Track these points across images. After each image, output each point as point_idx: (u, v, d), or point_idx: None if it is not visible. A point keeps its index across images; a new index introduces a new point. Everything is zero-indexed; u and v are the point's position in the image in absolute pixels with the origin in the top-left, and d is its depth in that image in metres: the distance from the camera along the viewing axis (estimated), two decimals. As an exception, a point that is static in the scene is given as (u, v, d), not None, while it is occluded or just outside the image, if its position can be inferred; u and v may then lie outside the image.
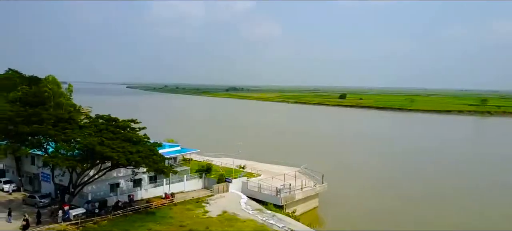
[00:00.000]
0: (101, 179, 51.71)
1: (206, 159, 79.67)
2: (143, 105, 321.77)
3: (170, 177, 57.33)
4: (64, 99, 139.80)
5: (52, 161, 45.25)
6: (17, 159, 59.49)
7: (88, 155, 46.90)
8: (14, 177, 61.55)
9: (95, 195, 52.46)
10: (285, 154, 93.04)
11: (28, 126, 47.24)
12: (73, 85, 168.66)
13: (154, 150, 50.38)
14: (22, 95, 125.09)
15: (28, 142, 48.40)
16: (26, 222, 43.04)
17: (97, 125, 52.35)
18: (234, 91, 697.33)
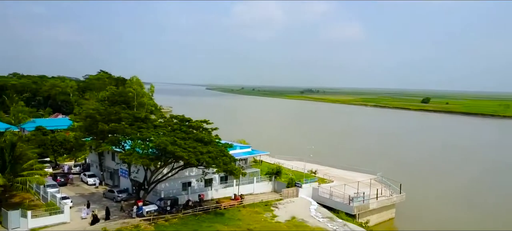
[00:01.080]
0: (174, 178, 53.10)
1: (276, 161, 78.80)
2: (219, 106, 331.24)
3: (240, 178, 57.21)
4: (146, 99, 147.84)
5: (127, 158, 47.26)
6: (99, 154, 63.44)
7: (161, 154, 48.33)
8: (97, 172, 65.79)
9: (167, 193, 53.98)
10: (360, 161, 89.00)
11: (107, 124, 49.84)
12: (155, 86, 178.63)
13: (224, 151, 50.52)
14: (109, 94, 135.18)
15: (108, 139, 51.11)
16: (93, 218, 45.16)
17: (171, 125, 53.89)
18: (309, 93, 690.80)
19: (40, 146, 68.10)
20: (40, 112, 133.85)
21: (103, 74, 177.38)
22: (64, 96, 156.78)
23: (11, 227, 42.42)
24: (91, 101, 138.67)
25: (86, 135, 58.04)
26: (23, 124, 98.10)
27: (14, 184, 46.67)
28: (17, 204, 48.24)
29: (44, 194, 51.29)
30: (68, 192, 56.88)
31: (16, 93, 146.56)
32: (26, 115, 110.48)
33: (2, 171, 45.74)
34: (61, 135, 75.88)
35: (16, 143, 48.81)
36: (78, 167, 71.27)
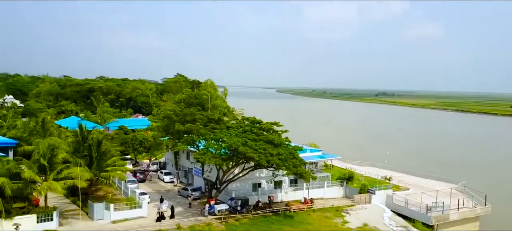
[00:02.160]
0: (244, 178, 53.87)
1: (348, 166, 76.70)
2: (289, 108, 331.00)
3: (310, 182, 56.44)
4: (220, 101, 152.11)
5: (201, 158, 48.80)
6: (175, 153, 66.33)
7: (233, 154, 49.29)
8: (173, 170, 68.84)
9: (238, 193, 54.89)
10: (439, 168, 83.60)
11: (183, 124, 51.92)
12: (227, 88, 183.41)
13: (294, 154, 50.20)
14: (185, 96, 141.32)
15: (183, 139, 53.24)
16: (160, 215, 46.87)
17: (242, 127, 54.76)
18: (384, 96, 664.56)
19: (122, 144, 73.01)
20: (122, 113, 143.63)
21: (179, 77, 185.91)
22: (144, 98, 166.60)
23: (95, 218, 45.86)
24: (168, 103, 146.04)
25: (163, 135, 61.02)
26: (107, 123, 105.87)
27: (99, 178, 50.50)
28: (101, 197, 52.00)
29: (125, 189, 54.76)
30: (146, 188, 60.18)
31: (102, 95, 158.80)
32: (110, 115, 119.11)
33: (89, 166, 49.63)
34: (140, 134, 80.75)
35: (101, 141, 52.67)
36: (156, 165, 75.18)
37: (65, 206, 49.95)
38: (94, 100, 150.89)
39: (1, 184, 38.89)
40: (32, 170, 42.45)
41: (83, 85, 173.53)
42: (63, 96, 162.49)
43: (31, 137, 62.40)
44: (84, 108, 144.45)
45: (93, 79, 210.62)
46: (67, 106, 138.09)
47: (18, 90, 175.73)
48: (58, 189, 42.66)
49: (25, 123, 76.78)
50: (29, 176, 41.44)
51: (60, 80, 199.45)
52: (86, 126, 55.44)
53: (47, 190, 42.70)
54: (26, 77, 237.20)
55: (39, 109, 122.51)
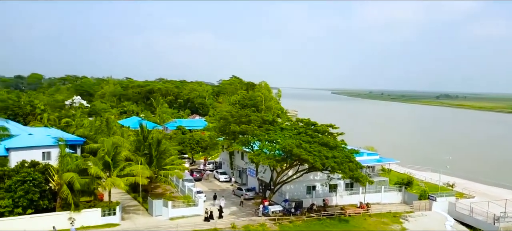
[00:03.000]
0: (299, 180, 53.53)
1: (407, 171, 73.73)
2: (345, 111, 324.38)
3: (367, 186, 54.89)
4: (274, 103, 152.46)
5: (256, 159, 49.17)
6: (230, 153, 67.45)
7: (287, 156, 49.18)
8: (228, 170, 70.01)
9: (292, 195, 54.64)
10: (509, 176, 77.87)
11: (238, 125, 52.63)
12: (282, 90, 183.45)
13: (350, 157, 49.12)
14: (240, 98, 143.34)
15: (238, 139, 53.98)
16: (208, 215, 47.53)
17: (296, 128, 54.50)
18: (446, 98, 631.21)
19: (180, 144, 75.43)
20: (180, 113, 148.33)
21: (234, 79, 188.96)
22: (201, 99, 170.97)
23: (154, 214, 47.75)
24: (224, 104, 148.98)
25: (219, 135, 62.22)
26: (166, 123, 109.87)
27: (158, 176, 52.55)
28: (160, 195, 54.05)
29: (182, 187, 56.50)
30: (202, 187, 61.69)
31: (161, 96, 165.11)
32: (169, 115, 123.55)
33: (149, 164, 51.79)
34: (197, 134, 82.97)
35: (161, 140, 54.79)
36: (211, 165, 76.86)
37: (126, 201, 52.48)
38: (153, 101, 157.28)
39: (71, 179, 41.64)
40: (97, 167, 45.11)
41: (143, 87, 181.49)
42: (125, 97, 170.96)
43: (96, 136, 66.28)
44: (144, 108, 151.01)
45: (153, 81, 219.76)
46: (129, 106, 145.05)
47: (85, 91, 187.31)
48: (121, 185, 45.01)
49: (91, 122, 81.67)
50: (95, 172, 44.06)
51: (123, 82, 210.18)
52: (146, 126, 57.95)
53: (111, 185, 45.16)
54: (92, 79, 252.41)
55: (103, 109, 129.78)
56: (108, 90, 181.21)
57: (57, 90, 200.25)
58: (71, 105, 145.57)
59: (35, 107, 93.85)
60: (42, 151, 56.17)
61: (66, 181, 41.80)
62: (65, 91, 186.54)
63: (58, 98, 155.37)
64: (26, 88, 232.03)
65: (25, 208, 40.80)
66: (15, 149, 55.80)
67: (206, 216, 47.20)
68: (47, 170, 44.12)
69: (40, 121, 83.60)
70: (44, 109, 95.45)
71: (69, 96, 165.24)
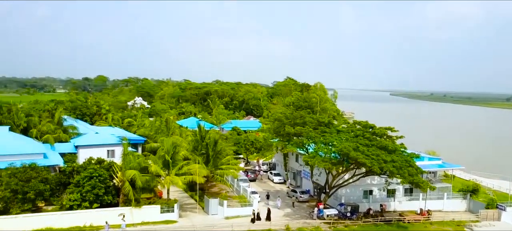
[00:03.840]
0: (355, 184, 52.26)
1: (472, 178, 69.46)
2: (404, 113, 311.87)
3: (428, 192, 52.37)
4: (329, 105, 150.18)
5: (310, 161, 48.68)
6: (285, 155, 67.30)
7: (343, 159, 48.20)
8: (282, 171, 69.92)
9: (348, 199, 53.43)
10: None
11: (293, 127, 52.40)
12: (338, 91, 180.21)
13: (410, 162, 47.14)
14: (295, 99, 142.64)
15: (293, 141, 53.73)
16: (255, 216, 47.36)
17: (353, 131, 53.25)
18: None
19: (235, 144, 76.50)
20: (235, 115, 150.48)
21: (289, 81, 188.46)
22: (255, 101, 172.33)
23: (210, 213, 48.79)
24: (278, 105, 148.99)
25: (273, 137, 62.38)
26: (222, 124, 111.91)
27: (215, 175, 53.68)
28: (216, 194, 55.13)
29: (237, 187, 57.26)
30: (257, 187, 62.10)
31: (217, 98, 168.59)
32: (225, 116, 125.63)
33: (206, 163, 53.04)
34: (252, 135, 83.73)
35: (217, 141, 55.94)
36: (266, 166, 77.16)
37: (184, 199, 54.10)
38: (210, 102, 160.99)
39: (133, 176, 43.68)
40: (157, 165, 46.96)
41: (201, 89, 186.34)
42: (183, 98, 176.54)
43: (156, 135, 69.04)
44: (201, 109, 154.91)
45: (210, 83, 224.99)
46: (187, 107, 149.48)
47: (146, 93, 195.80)
48: (179, 183, 46.51)
49: (152, 122, 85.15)
50: (155, 170, 45.92)
51: (181, 84, 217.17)
52: (204, 126, 59.44)
53: (169, 183, 46.80)
54: (153, 81, 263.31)
55: (163, 110, 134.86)
56: (167, 92, 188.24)
57: (121, 91, 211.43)
58: (133, 106, 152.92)
59: (100, 107, 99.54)
60: (107, 149, 59.56)
61: (129, 178, 43.92)
62: (127, 93, 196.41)
63: (121, 99, 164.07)
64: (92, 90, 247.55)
65: (91, 202, 43.37)
66: (83, 146, 59.63)
67: (253, 217, 47.29)
68: (111, 167, 46.68)
69: (105, 120, 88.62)
70: (109, 109, 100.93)
71: (131, 97, 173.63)
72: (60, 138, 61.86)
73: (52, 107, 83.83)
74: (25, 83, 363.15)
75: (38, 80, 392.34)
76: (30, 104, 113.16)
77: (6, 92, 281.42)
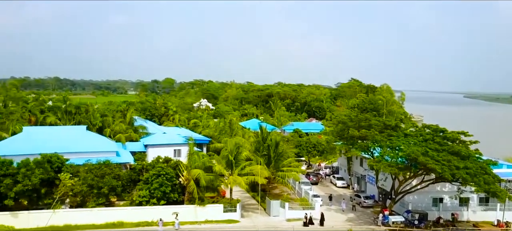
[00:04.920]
0: (423, 191, 49.66)
1: (560, 189, 62.80)
2: (479, 116, 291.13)
3: (506, 202, 48.27)
4: (396, 107, 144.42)
5: (376, 165, 47.02)
6: (348, 159, 65.69)
7: (411, 164, 46.00)
8: (345, 175, 68.30)
9: (415, 206, 50.84)
10: None
11: (357, 130, 50.95)
12: (405, 93, 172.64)
13: (486, 169, 43.84)
14: (359, 101, 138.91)
15: (357, 145, 52.25)
16: (307, 220, 46.24)
17: (422, 135, 50.61)
18: None
19: (297, 147, 76.11)
20: (297, 117, 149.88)
21: (353, 82, 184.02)
22: (318, 103, 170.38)
23: (272, 214, 48.88)
24: (342, 108, 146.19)
25: (336, 140, 61.27)
26: (284, 126, 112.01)
27: (276, 177, 53.74)
28: (277, 195, 55.15)
29: (298, 189, 56.85)
30: (319, 191, 61.21)
31: (279, 100, 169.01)
32: (286, 118, 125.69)
33: (268, 165, 53.27)
34: (314, 138, 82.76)
35: (279, 142, 55.98)
36: (328, 169, 75.87)
37: (246, 200, 54.73)
38: (272, 104, 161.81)
39: (198, 175, 45.01)
40: (221, 165, 47.99)
41: (263, 90, 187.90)
42: (246, 100, 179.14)
43: (220, 136, 70.74)
44: (263, 111, 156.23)
45: (272, 85, 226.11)
46: (249, 109, 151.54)
47: (211, 95, 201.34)
48: (242, 183, 47.16)
49: (216, 123, 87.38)
50: (218, 170, 47.00)
51: (244, 86, 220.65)
52: (266, 128, 59.79)
53: (233, 183, 47.61)
54: (217, 83, 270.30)
55: (226, 111, 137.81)
56: (231, 94, 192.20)
57: (187, 93, 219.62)
58: (198, 107, 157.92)
59: (168, 108, 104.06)
60: (174, 149, 62.09)
61: (194, 177, 45.33)
62: (193, 95, 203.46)
63: (187, 101, 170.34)
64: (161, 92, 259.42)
65: (159, 199, 45.33)
66: (152, 146, 62.66)
67: (305, 221, 46.48)
68: (177, 166, 48.50)
69: (172, 121, 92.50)
70: (176, 110, 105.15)
71: (197, 99, 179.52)
72: (131, 137, 65.50)
73: (124, 108, 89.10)
74: (100, 85, 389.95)
75: (111, 83, 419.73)
76: (104, 105, 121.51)
77: (84, 93, 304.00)
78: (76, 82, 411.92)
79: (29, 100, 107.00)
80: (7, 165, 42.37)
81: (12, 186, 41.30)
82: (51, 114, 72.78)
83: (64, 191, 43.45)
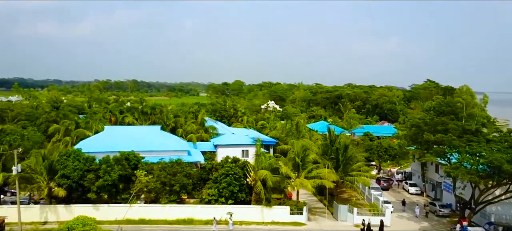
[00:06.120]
0: (509, 202, 45.51)
1: None
2: None
3: None
4: (478, 110, 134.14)
5: (453, 172, 44.01)
6: (422, 164, 62.15)
7: (493, 172, 42.39)
8: (419, 182, 64.72)
9: (499, 218, 46.67)
10: None
11: (433, 134, 48.04)
12: (488, 95, 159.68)
13: None
14: (436, 104, 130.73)
15: (432, 150, 49.27)
16: (364, 227, 44.04)
17: (508, 141, 46.37)
18: None
19: (367, 150, 73.60)
20: (368, 119, 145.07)
21: (429, 83, 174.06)
22: (390, 105, 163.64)
23: (339, 219, 47.72)
24: (416, 110, 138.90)
25: (410, 144, 58.34)
26: (353, 129, 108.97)
27: (344, 181, 52.37)
28: (345, 200, 53.76)
29: (368, 195, 54.92)
30: (390, 197, 58.66)
31: (349, 102, 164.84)
32: (357, 121, 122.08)
33: (336, 168, 52.09)
34: (385, 141, 79.48)
35: (348, 146, 54.51)
36: (400, 175, 72.48)
37: (312, 203, 54.05)
38: (341, 106, 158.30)
39: (265, 176, 45.28)
40: (287, 167, 47.82)
41: (332, 92, 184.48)
42: (314, 102, 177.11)
43: (287, 138, 70.59)
44: (332, 113, 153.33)
45: (341, 86, 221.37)
46: (317, 111, 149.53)
47: (278, 97, 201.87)
48: (308, 186, 46.60)
49: (283, 125, 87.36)
50: (285, 172, 46.84)
51: (312, 88, 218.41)
52: (334, 131, 58.59)
53: (299, 186, 47.23)
54: (285, 85, 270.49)
55: (294, 113, 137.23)
56: (298, 96, 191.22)
57: (255, 95, 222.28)
58: (266, 109, 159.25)
59: (237, 110, 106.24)
60: (242, 149, 63.10)
61: (261, 178, 45.67)
62: (261, 97, 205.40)
63: (255, 103, 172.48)
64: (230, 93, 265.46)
65: (227, 198, 46.31)
66: (221, 146, 64.26)
67: (362, 228, 44.62)
68: (245, 166, 49.20)
69: (240, 122, 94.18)
70: (244, 112, 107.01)
71: (264, 101, 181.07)
72: (202, 137, 67.74)
73: (196, 109, 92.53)
74: (174, 87, 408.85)
75: (184, 85, 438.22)
76: (177, 106, 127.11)
77: (158, 95, 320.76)
78: (151, 84, 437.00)
79: (110, 101, 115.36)
80: (90, 161, 45.95)
81: (95, 180, 44.72)
82: (129, 114, 77.79)
83: (140, 187, 46.09)
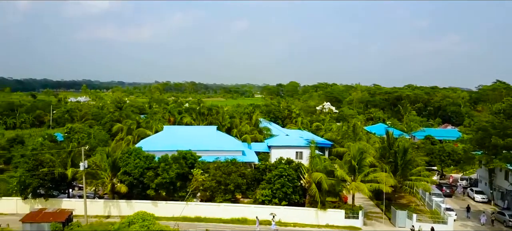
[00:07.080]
0: None
1: None
2: None
3: None
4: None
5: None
6: (490, 171, 58.09)
7: None
8: (486, 189, 60.57)
9: None
10: None
11: (502, 139, 44.80)
12: None
13: None
14: (506, 106, 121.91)
15: (501, 155, 45.93)
16: None
17: None
18: None
19: (428, 155, 70.11)
20: (430, 122, 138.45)
21: (499, 84, 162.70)
22: (454, 107, 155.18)
23: (397, 225, 45.85)
24: (483, 113, 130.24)
25: (476, 149, 54.84)
26: (414, 132, 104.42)
27: (403, 186, 50.27)
28: (404, 205, 51.52)
29: (428, 201, 52.34)
30: (453, 204, 55.47)
31: (409, 103, 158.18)
32: (417, 124, 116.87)
33: (394, 172, 50.14)
34: (449, 145, 75.25)
35: (407, 149, 52.23)
36: (465, 181, 68.31)
37: (369, 207, 52.43)
38: (401, 108, 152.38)
39: (319, 179, 44.64)
40: (343, 170, 46.79)
41: (391, 93, 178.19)
42: (372, 103, 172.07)
43: (343, 140, 69.12)
44: (391, 115, 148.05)
45: (401, 87, 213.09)
46: (375, 113, 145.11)
47: (334, 98, 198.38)
48: (365, 190, 45.25)
49: (339, 127, 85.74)
50: (340, 175, 45.87)
51: (370, 89, 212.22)
52: (393, 133, 56.47)
53: (355, 189, 46.01)
54: (341, 86, 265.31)
55: (350, 115, 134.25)
56: (355, 97, 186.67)
57: (310, 96, 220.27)
58: (321, 111, 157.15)
59: (291, 111, 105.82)
60: (296, 151, 62.79)
61: (315, 180, 45.06)
62: (316, 98, 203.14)
63: (310, 104, 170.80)
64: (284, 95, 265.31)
65: (280, 199, 46.23)
66: (275, 147, 64.34)
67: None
68: (299, 168, 48.84)
69: (295, 124, 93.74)
70: (299, 113, 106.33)
71: (320, 102, 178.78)
72: (256, 138, 68.28)
73: (251, 110, 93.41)
74: (230, 89, 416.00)
75: (240, 86, 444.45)
76: (233, 107, 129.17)
77: (215, 96, 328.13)
78: (208, 86, 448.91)
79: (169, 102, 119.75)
80: (150, 160, 47.91)
81: (154, 178, 46.55)
82: (187, 115, 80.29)
83: (196, 185, 47.32)
